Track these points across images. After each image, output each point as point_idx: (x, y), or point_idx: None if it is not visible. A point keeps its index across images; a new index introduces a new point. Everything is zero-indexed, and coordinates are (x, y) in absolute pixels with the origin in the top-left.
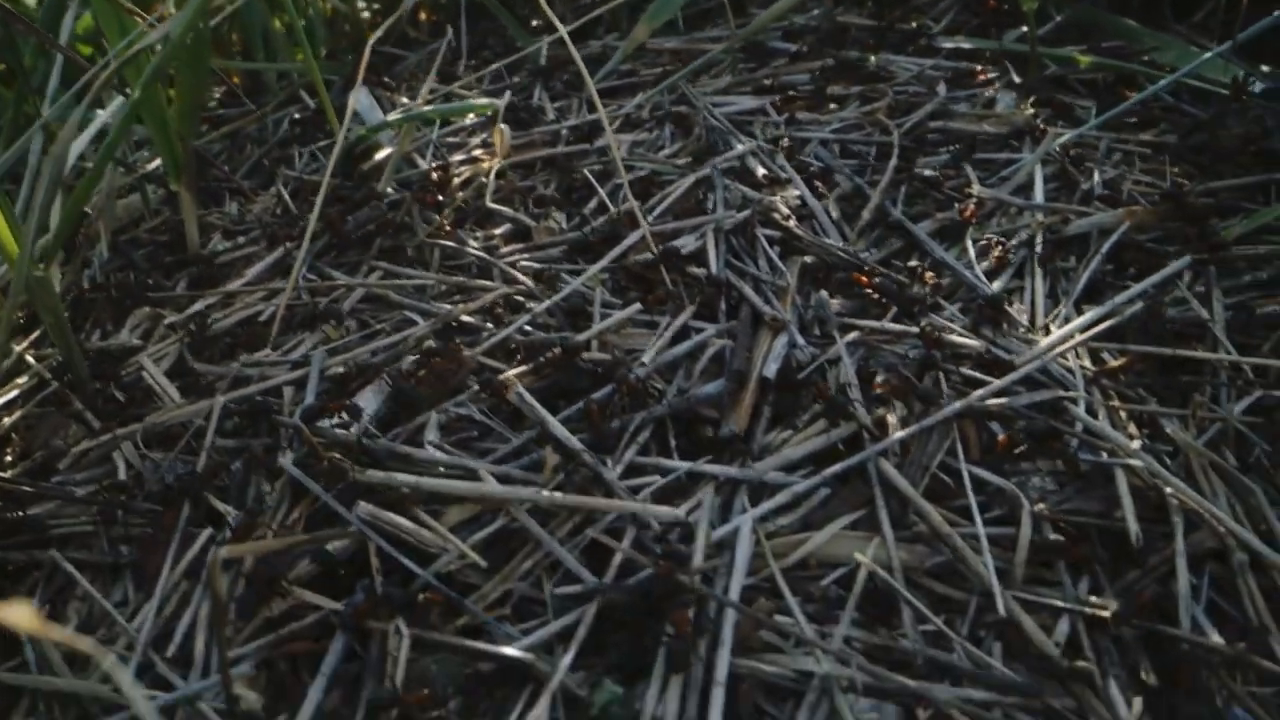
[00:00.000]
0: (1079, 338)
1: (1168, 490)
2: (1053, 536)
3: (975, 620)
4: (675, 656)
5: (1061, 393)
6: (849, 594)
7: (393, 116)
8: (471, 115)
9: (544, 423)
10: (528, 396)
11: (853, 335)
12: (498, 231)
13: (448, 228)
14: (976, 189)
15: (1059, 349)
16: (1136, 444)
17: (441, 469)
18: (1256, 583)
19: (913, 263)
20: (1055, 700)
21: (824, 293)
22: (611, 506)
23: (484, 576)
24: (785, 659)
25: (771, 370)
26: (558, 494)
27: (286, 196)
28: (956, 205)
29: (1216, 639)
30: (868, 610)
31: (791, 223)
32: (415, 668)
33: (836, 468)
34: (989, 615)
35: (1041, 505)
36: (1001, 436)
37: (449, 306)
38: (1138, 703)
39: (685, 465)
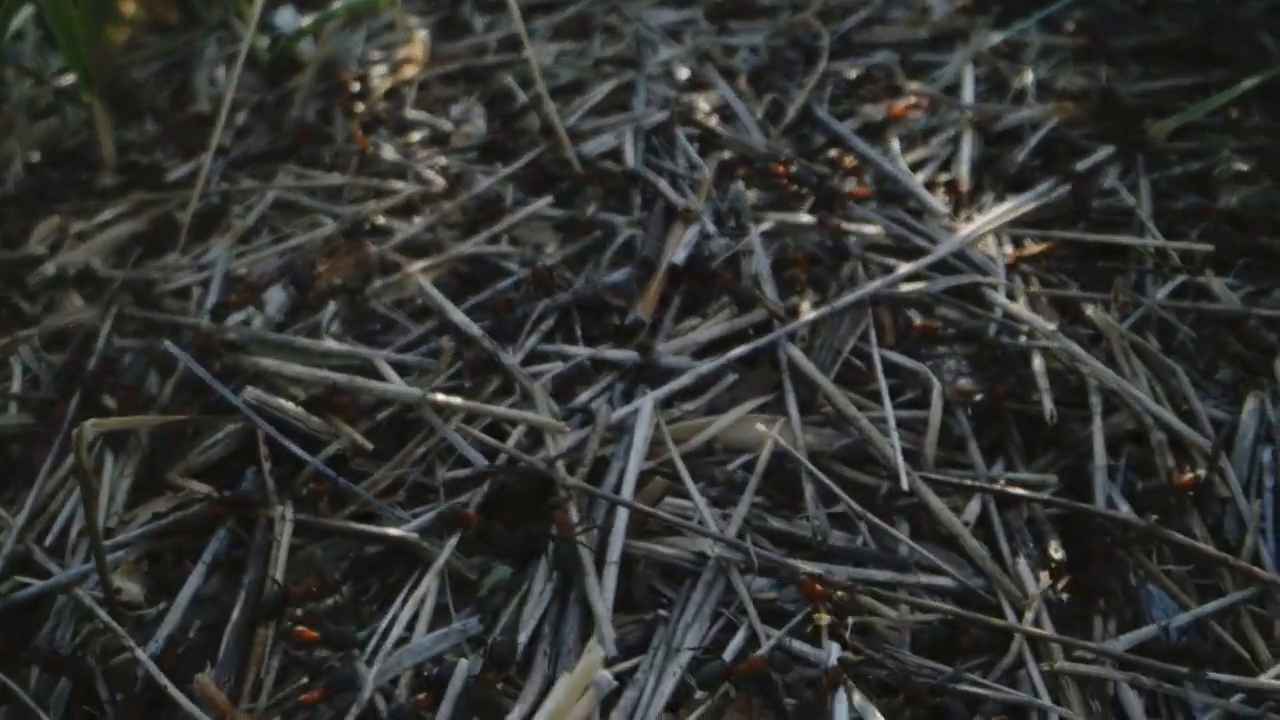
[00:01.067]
0: (998, 224)
1: (1085, 371)
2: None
3: (885, 504)
4: (558, 557)
5: (979, 278)
6: (754, 478)
7: (306, 22)
8: (400, 30)
9: (443, 311)
10: (429, 287)
11: (767, 225)
12: (416, 137)
13: (365, 134)
14: (904, 86)
15: (977, 234)
16: (1054, 326)
17: (337, 360)
18: (1176, 462)
19: (834, 153)
20: (962, 579)
21: (740, 184)
22: (489, 410)
23: (375, 463)
24: (685, 542)
25: (681, 257)
26: (438, 395)
27: (204, 110)
28: (884, 103)
29: (1130, 514)
30: (772, 494)
31: (713, 121)
32: (301, 554)
33: (742, 350)
34: (900, 500)
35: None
36: (918, 321)
37: (359, 208)
38: (1044, 578)
39: (586, 351)
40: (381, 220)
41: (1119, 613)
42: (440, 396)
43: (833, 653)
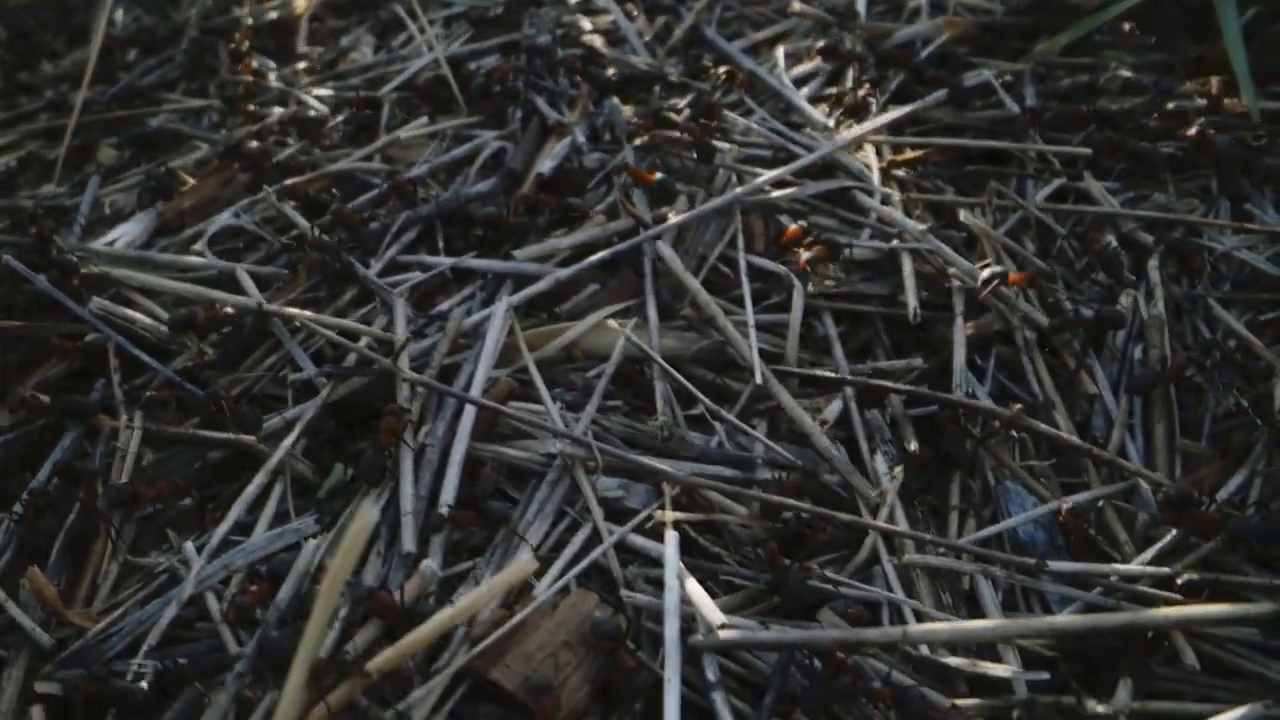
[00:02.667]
0: (875, 132)
1: (951, 270)
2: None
3: (746, 406)
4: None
5: (852, 184)
6: (611, 382)
7: None
8: None
9: (300, 227)
10: (287, 210)
11: (641, 140)
12: (302, 66)
13: (252, 66)
14: (795, 5)
15: (851, 140)
16: (923, 227)
17: (193, 273)
18: (1044, 362)
19: (719, 70)
20: (818, 475)
21: (616, 100)
22: (325, 321)
23: (223, 373)
24: (535, 445)
25: (547, 168)
26: (284, 306)
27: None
28: (771, 25)
29: (988, 404)
30: (628, 398)
31: (599, 42)
32: (148, 462)
33: (604, 254)
34: (761, 403)
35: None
36: (792, 227)
37: (235, 134)
38: (899, 471)
39: (447, 261)
40: (255, 144)
41: (977, 511)
42: (286, 308)
43: (673, 545)
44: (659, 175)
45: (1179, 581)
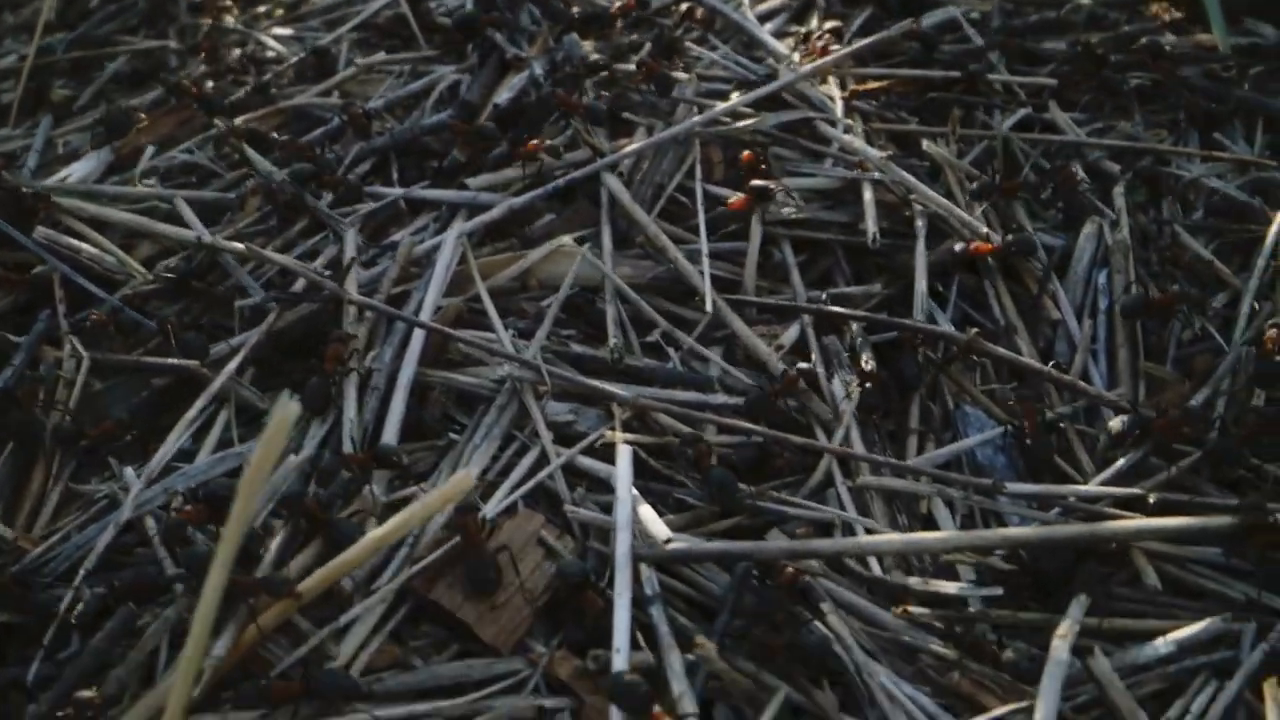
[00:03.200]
0: (838, 63)
1: (911, 196)
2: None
3: (703, 334)
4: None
5: (814, 114)
6: (566, 312)
7: None
8: None
9: (250, 160)
10: (241, 144)
11: (601, 75)
12: (263, 9)
13: (213, 8)
14: None
15: (813, 71)
16: (885, 154)
17: (143, 205)
18: (1007, 287)
19: (683, 6)
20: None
21: (574, 35)
22: (269, 257)
23: (169, 302)
24: (486, 371)
25: (504, 99)
26: (231, 240)
27: None
28: None
29: (947, 327)
30: (581, 326)
31: None
32: (90, 390)
33: (558, 182)
34: (718, 331)
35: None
36: (746, 153)
37: (193, 73)
38: (856, 394)
39: (398, 191)
40: (213, 83)
41: (936, 435)
42: (232, 242)
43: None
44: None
45: (1143, 500)
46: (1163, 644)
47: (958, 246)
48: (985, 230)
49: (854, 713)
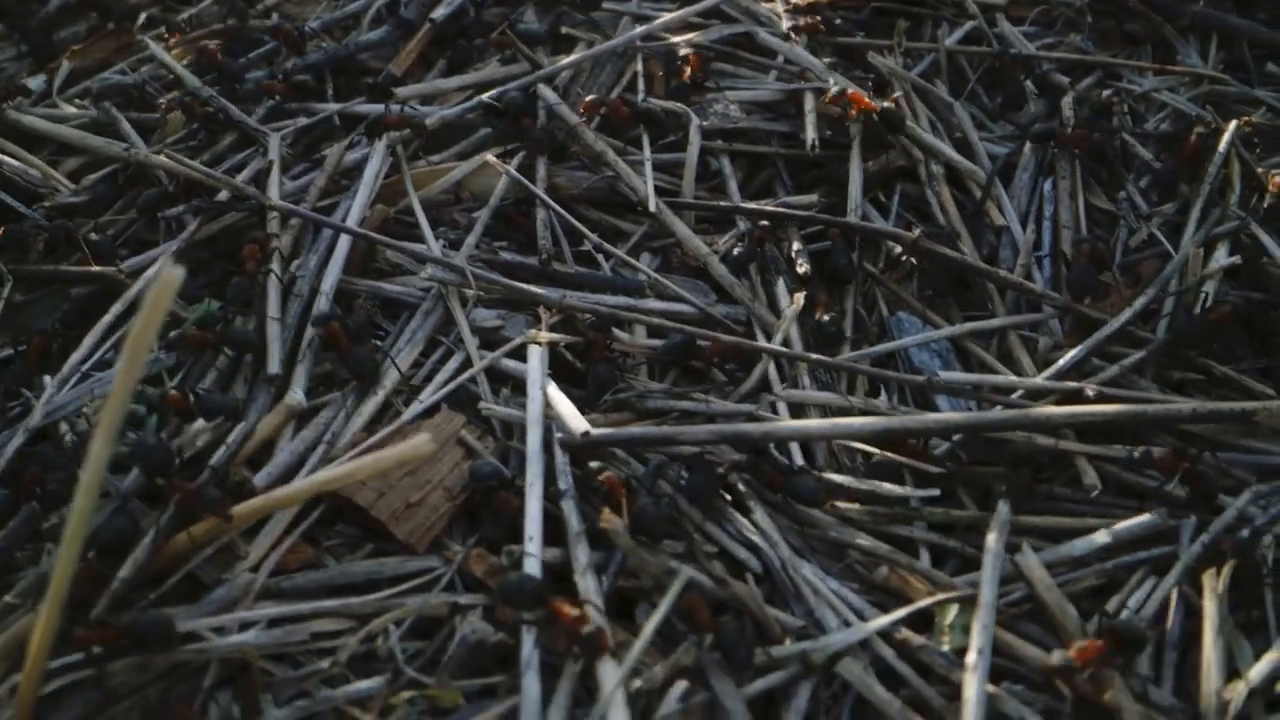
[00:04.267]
0: None
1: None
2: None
3: (639, 244)
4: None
5: (758, 28)
6: (499, 222)
7: None
8: None
9: (180, 77)
10: (167, 58)
11: None
12: None
13: None
14: None
15: None
16: (828, 61)
17: (73, 121)
18: (951, 195)
19: None
20: (704, 305)
21: None
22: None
23: (95, 214)
24: (414, 280)
25: (441, 14)
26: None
27: None
28: None
29: (887, 226)
30: (515, 237)
31: None
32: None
33: (492, 93)
34: (655, 241)
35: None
36: (689, 70)
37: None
38: (799, 297)
39: (334, 107)
40: (155, 10)
41: (872, 343)
42: (158, 156)
43: (537, 357)
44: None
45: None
46: (1099, 538)
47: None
48: (927, 138)
49: (782, 608)
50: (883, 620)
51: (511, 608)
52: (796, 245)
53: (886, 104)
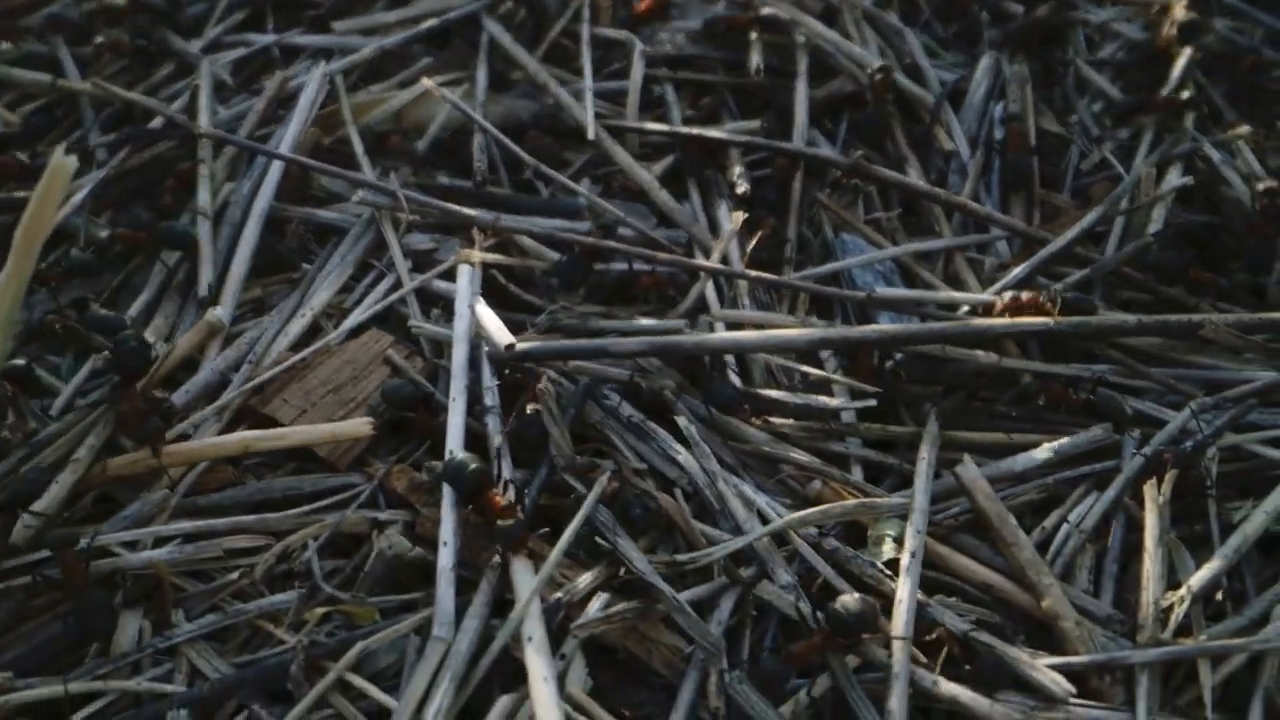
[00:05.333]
0: None
1: (801, 33)
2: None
3: (581, 170)
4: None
5: None
6: (439, 152)
7: None
8: None
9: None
10: None
11: None
12: None
13: None
14: None
15: None
16: None
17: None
18: (899, 121)
19: None
20: (644, 229)
21: None
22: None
23: (24, 142)
24: (351, 208)
25: None
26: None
27: None
28: None
29: (834, 154)
30: (454, 166)
31: None
32: None
33: (432, 23)
34: (598, 169)
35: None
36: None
37: None
38: (738, 216)
39: (270, 38)
40: None
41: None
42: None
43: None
44: None
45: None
46: (1040, 454)
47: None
48: (876, 63)
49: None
50: (802, 514)
51: (451, 489)
52: (738, 170)
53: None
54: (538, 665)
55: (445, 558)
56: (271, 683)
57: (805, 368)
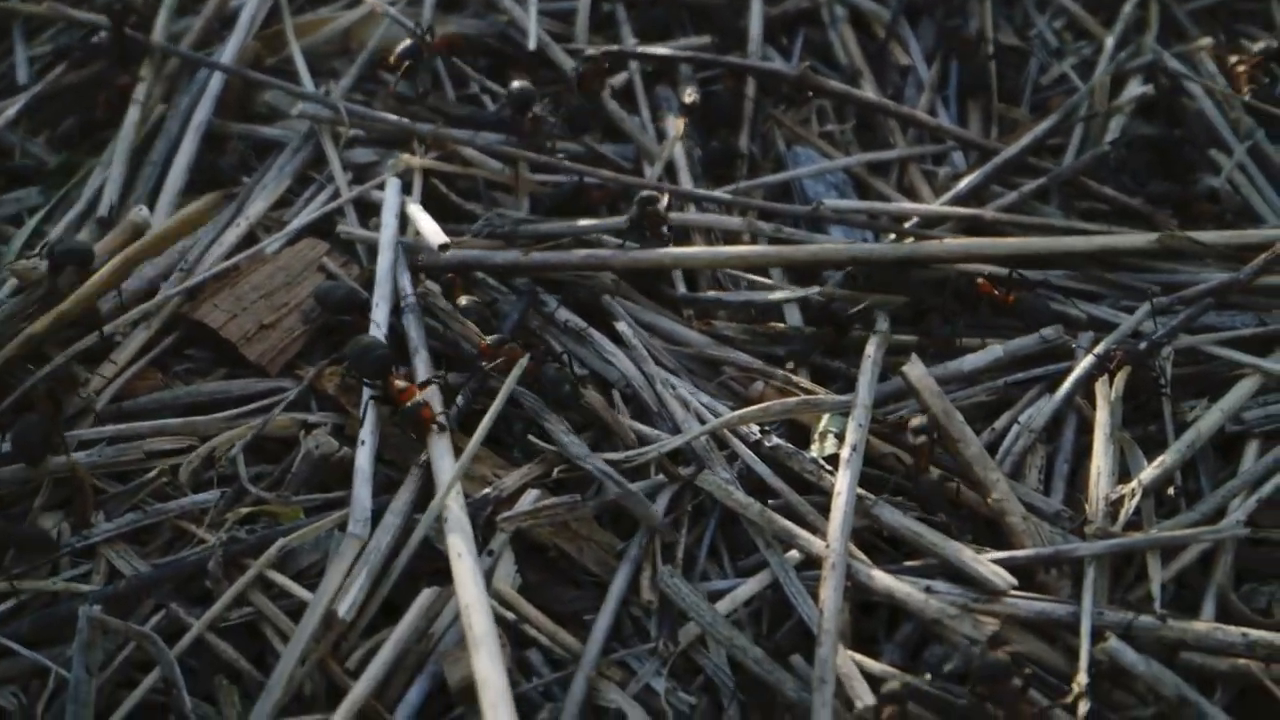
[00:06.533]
0: None
1: None
2: None
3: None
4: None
5: None
6: (388, 72)
7: None
8: None
9: None
10: None
11: None
12: None
13: None
14: None
15: None
16: None
17: None
18: (855, 38)
19: None
20: (592, 144)
21: None
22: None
23: None
24: (295, 124)
25: None
26: None
27: None
28: None
29: (780, 66)
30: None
31: None
32: None
33: None
34: (551, 88)
35: None
36: None
37: None
38: (680, 122)
39: None
40: None
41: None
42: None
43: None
44: None
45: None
46: (990, 354)
47: None
48: None
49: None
50: (741, 411)
51: (356, 371)
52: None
53: None
54: (456, 542)
55: (363, 455)
56: (191, 583)
57: (753, 275)
